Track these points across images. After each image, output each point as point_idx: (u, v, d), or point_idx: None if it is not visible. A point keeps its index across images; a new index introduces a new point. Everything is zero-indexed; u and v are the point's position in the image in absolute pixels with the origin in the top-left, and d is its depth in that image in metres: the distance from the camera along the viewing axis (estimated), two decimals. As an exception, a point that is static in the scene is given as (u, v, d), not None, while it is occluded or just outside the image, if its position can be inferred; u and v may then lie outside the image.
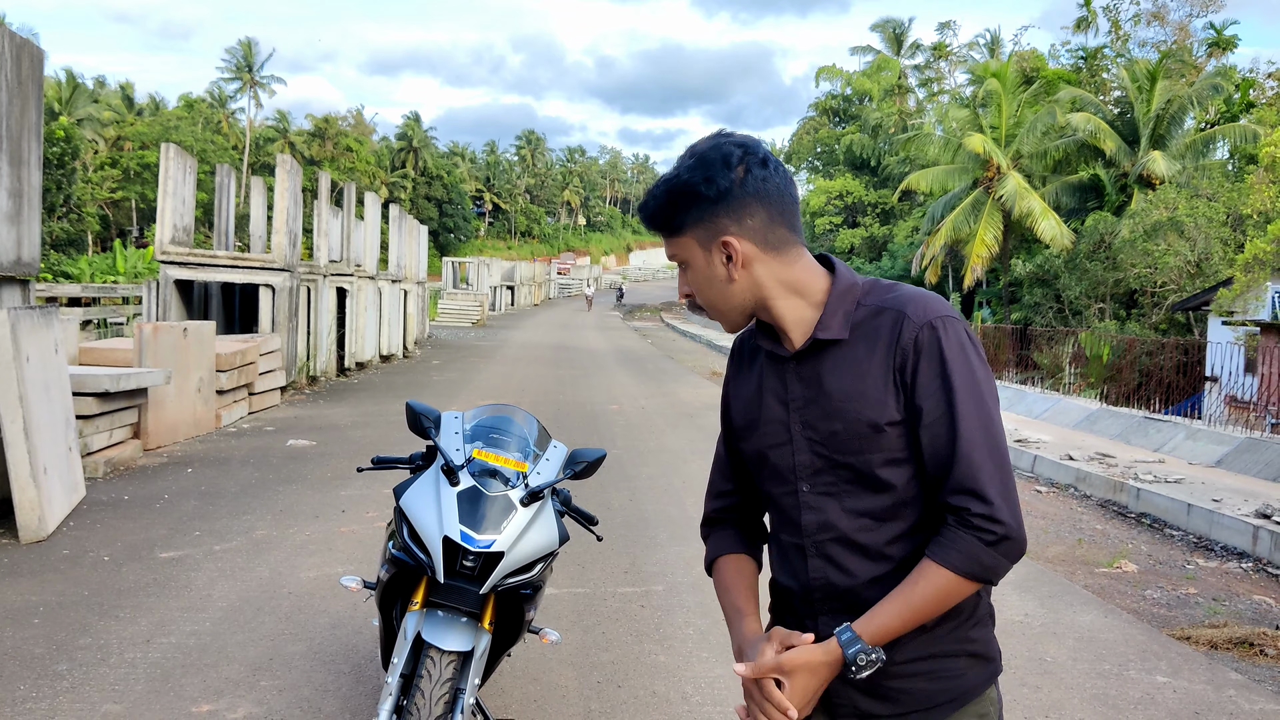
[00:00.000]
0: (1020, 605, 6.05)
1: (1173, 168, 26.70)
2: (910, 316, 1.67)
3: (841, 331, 1.71)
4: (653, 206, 1.76)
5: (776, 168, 1.74)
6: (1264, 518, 7.90)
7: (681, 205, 1.73)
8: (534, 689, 4.44)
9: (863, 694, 1.74)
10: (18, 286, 7.48)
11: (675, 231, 1.76)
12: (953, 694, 1.73)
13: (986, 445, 1.63)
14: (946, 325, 1.66)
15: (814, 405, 1.74)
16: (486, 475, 3.06)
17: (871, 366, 1.69)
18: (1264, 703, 4.69)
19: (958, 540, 1.61)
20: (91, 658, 4.58)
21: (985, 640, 1.77)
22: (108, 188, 56.66)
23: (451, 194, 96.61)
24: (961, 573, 1.61)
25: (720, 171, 1.69)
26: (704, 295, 1.79)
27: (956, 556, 1.61)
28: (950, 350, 1.65)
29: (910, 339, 1.66)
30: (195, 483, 8.53)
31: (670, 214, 1.75)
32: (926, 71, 51.03)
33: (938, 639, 1.72)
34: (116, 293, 27.14)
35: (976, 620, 1.76)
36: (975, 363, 1.66)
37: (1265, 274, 17.49)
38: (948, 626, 1.72)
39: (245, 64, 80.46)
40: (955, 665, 1.73)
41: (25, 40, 7.35)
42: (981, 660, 1.76)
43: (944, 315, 1.67)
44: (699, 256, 1.75)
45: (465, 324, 40.48)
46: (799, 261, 1.76)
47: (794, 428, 1.77)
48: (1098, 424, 13.49)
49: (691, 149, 1.76)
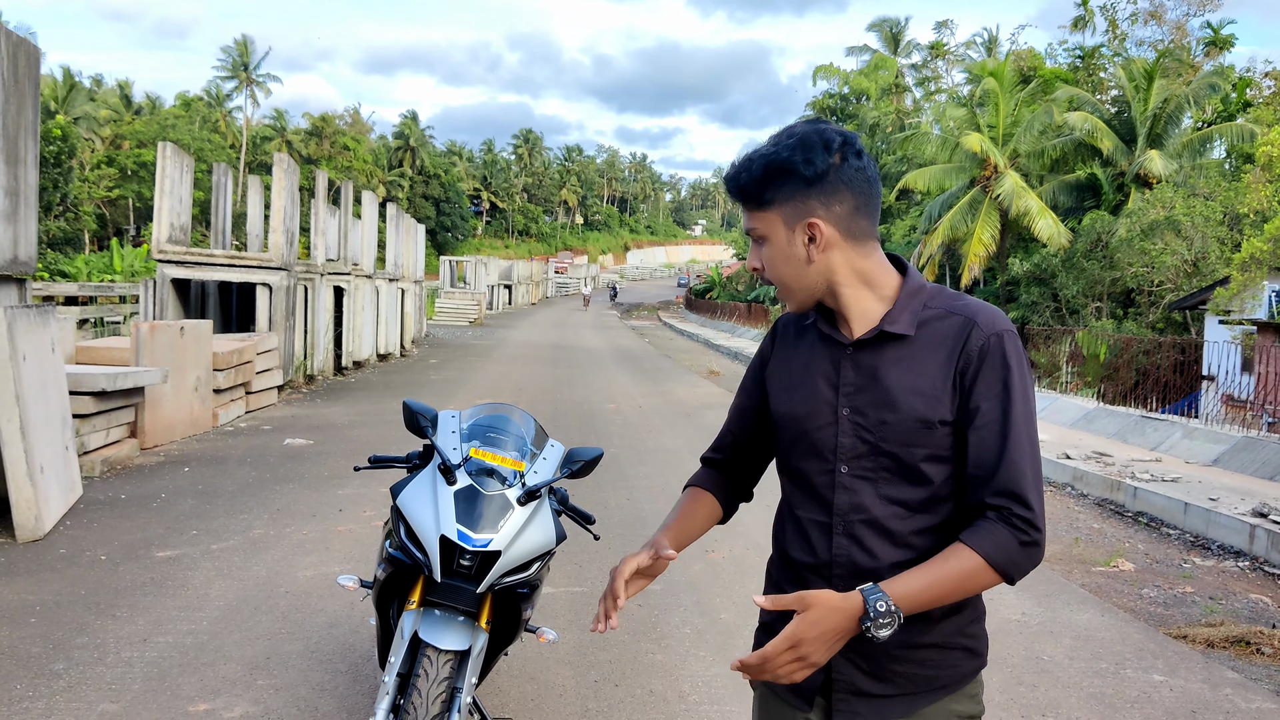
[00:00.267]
0: (1017, 604, 6.06)
1: (1170, 167, 26.70)
2: (980, 325, 1.74)
3: (908, 328, 1.77)
4: (744, 179, 1.79)
5: (870, 161, 1.80)
6: (1261, 516, 7.91)
7: (775, 181, 1.76)
8: (531, 688, 4.44)
9: (864, 674, 1.79)
10: (14, 285, 7.47)
11: (762, 206, 1.80)
12: (945, 681, 1.80)
13: (1031, 455, 1.70)
14: (1011, 339, 1.74)
15: (865, 393, 1.79)
16: (483, 474, 3.06)
17: (933, 366, 1.75)
18: (1260, 701, 4.69)
19: (996, 533, 1.67)
20: (88, 657, 4.57)
21: (979, 636, 1.86)
22: (105, 186, 56.60)
23: (449, 193, 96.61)
24: (992, 562, 1.66)
25: (820, 154, 1.73)
26: (777, 271, 1.83)
27: (992, 546, 1.66)
28: (1012, 361, 1.72)
29: (977, 346, 1.73)
30: (192, 482, 8.52)
31: (761, 188, 1.78)
32: (924, 71, 51.03)
33: (942, 631, 1.78)
34: (113, 291, 27.13)
35: (975, 617, 1.84)
36: (1028, 378, 1.75)
37: (1262, 273, 17.51)
38: (952, 620, 1.79)
39: (241, 62, 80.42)
40: (952, 656, 1.81)
41: (21, 39, 7.34)
42: (974, 654, 1.84)
43: (1009, 330, 1.75)
44: (781, 234, 1.80)
45: (462, 323, 40.47)
46: (873, 255, 1.82)
47: (841, 411, 1.81)
48: (1095, 423, 13.51)
49: (790, 130, 1.79)
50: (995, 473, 1.69)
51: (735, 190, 1.82)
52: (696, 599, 5.80)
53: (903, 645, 1.76)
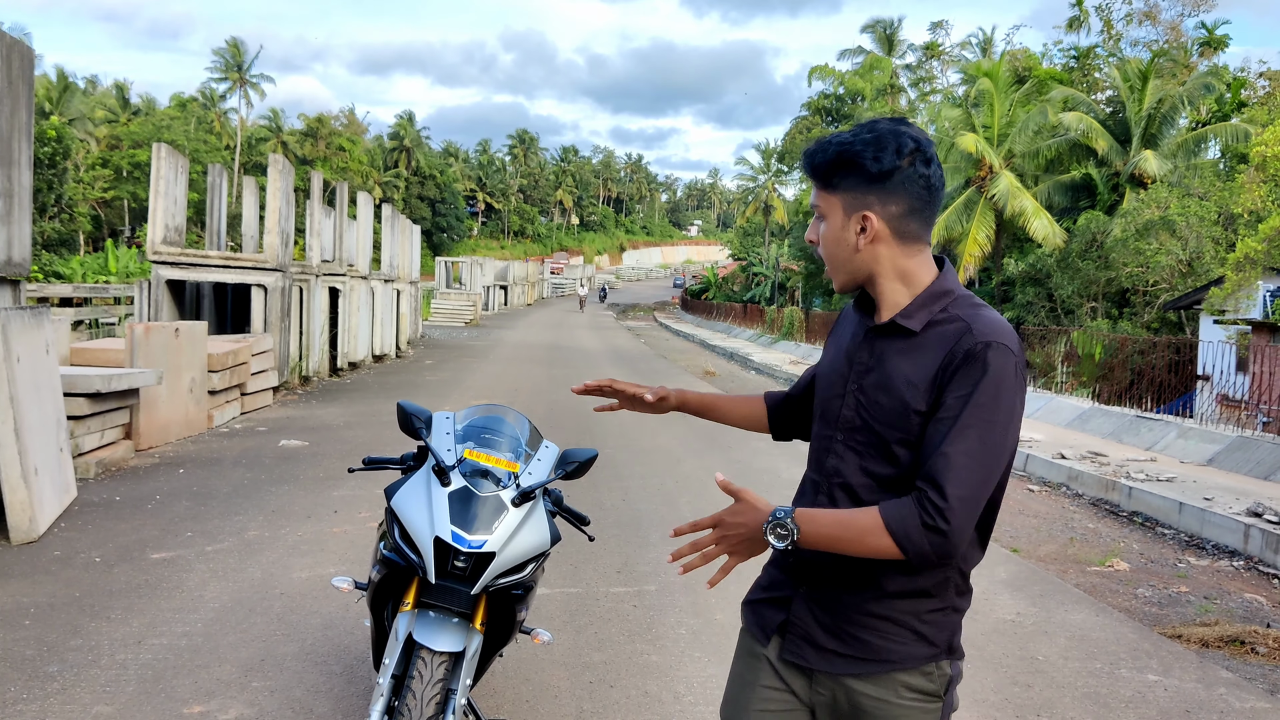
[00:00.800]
0: (1012, 604, 6.07)
1: (1164, 167, 26.74)
2: (973, 332, 1.83)
3: (917, 325, 1.91)
4: (819, 159, 1.95)
5: (936, 170, 1.94)
6: (1255, 516, 7.93)
7: (843, 169, 1.92)
8: (526, 689, 4.44)
9: (820, 626, 1.97)
10: (8, 287, 7.46)
11: (828, 188, 1.96)
12: (895, 657, 1.91)
13: (973, 456, 1.76)
14: (997, 351, 1.81)
15: (871, 374, 1.95)
16: (478, 475, 3.06)
17: (927, 361, 1.86)
18: (1255, 701, 4.70)
19: (905, 506, 1.78)
20: (82, 659, 4.57)
21: (938, 628, 1.93)
22: (99, 187, 56.49)
23: (444, 194, 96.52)
24: (889, 526, 1.77)
25: (889, 155, 1.88)
26: (828, 250, 2.00)
27: (895, 515, 1.78)
28: (989, 371, 1.79)
29: (964, 349, 1.82)
30: (187, 483, 8.51)
31: (831, 172, 1.94)
32: (918, 71, 51.06)
33: (896, 607, 1.91)
34: (108, 293, 27.08)
35: (938, 609, 1.93)
36: (1005, 392, 1.80)
37: (1256, 273, 17.53)
38: (910, 602, 1.91)
39: (234, 63, 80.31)
40: (903, 634, 1.91)
41: (15, 40, 7.32)
42: (927, 641, 1.92)
43: (1001, 343, 1.82)
44: (838, 217, 1.96)
45: (458, 324, 40.45)
46: (917, 256, 1.96)
47: (850, 387, 1.99)
48: (1090, 423, 13.52)
49: (873, 124, 1.94)
50: (930, 459, 1.78)
51: (809, 168, 1.98)
52: (691, 600, 5.80)
53: (858, 610, 1.92)
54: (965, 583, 1.98)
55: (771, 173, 65.74)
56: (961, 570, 1.95)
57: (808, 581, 2.00)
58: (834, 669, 1.95)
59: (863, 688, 1.93)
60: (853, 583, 1.93)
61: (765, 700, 2.04)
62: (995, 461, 1.79)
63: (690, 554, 1.95)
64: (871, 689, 1.92)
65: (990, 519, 1.94)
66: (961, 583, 1.96)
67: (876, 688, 1.92)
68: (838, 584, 1.95)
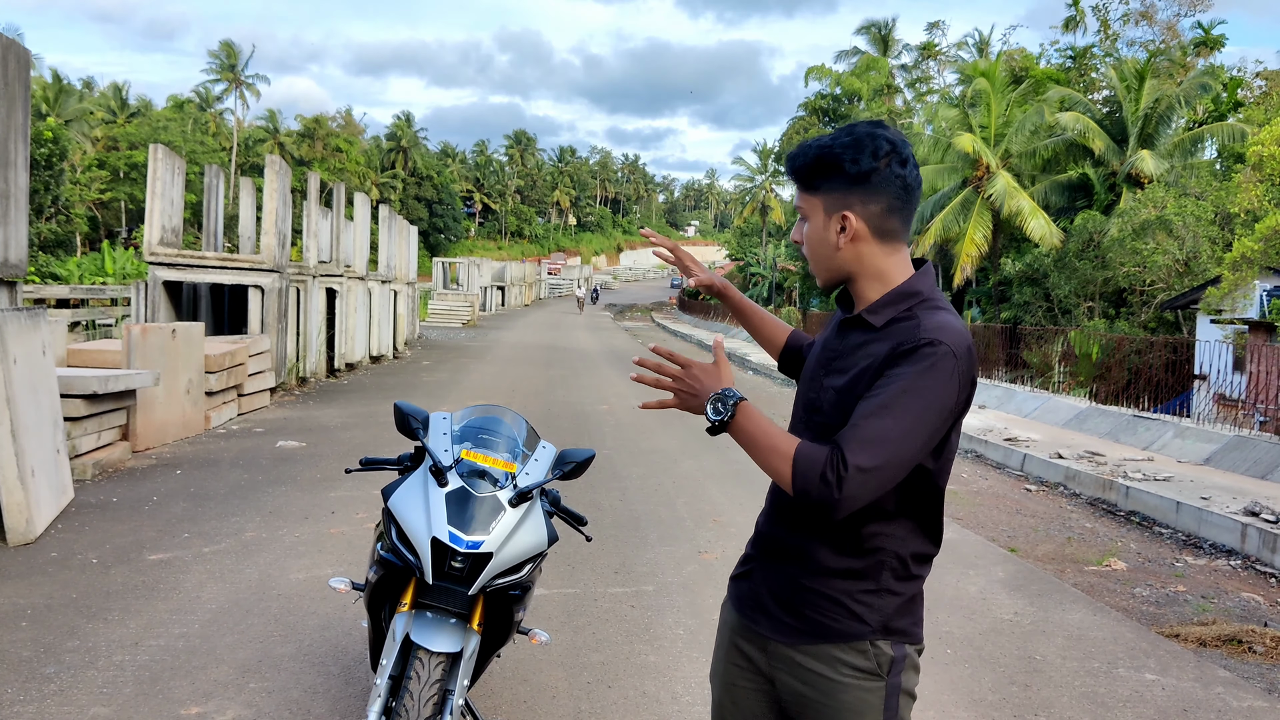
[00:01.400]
0: (1010, 604, 6.07)
1: (1161, 167, 26.76)
2: (920, 328, 1.92)
3: (879, 321, 2.01)
4: (800, 162, 2.05)
5: (913, 170, 2.03)
6: (1252, 515, 7.93)
7: (824, 171, 2.02)
8: (524, 690, 4.44)
9: (773, 598, 2.12)
10: (4, 288, 7.45)
11: (810, 189, 2.06)
12: (830, 634, 2.03)
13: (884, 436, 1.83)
14: (938, 349, 1.88)
15: (835, 362, 2.08)
16: (475, 476, 3.06)
17: (879, 352, 1.96)
18: (1252, 700, 4.71)
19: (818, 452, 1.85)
20: (79, 660, 4.56)
21: (870, 608, 2.03)
22: (96, 189, 56.39)
23: (442, 194, 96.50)
24: (795, 460, 1.86)
25: (867, 157, 1.98)
26: (811, 249, 2.10)
27: (806, 453, 1.86)
28: (924, 364, 1.88)
29: (907, 342, 1.91)
30: (184, 484, 8.50)
31: (812, 174, 2.04)
32: (914, 72, 51.07)
33: (833, 586, 2.03)
34: (105, 294, 27.05)
35: (871, 589, 2.03)
36: (935, 387, 1.87)
37: (1253, 272, 17.55)
38: (845, 581, 2.02)
39: (229, 64, 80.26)
40: (837, 611, 2.02)
41: (11, 41, 7.32)
42: (858, 619, 2.02)
43: (944, 341, 1.89)
44: (820, 218, 2.06)
45: (456, 324, 40.42)
46: (895, 255, 2.06)
47: (818, 372, 2.13)
48: (1087, 422, 13.53)
49: (851, 128, 2.03)
50: (848, 429, 1.86)
51: (791, 171, 2.08)
52: (690, 600, 5.80)
53: (801, 584, 2.06)
54: (905, 569, 2.04)
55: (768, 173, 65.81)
56: (899, 555, 2.03)
57: (765, 554, 2.16)
58: (780, 637, 2.09)
59: (805, 660, 2.06)
60: (798, 559, 2.06)
61: (735, 667, 2.22)
62: (910, 446, 1.86)
63: (651, 372, 2.08)
64: (813, 662, 2.04)
65: (932, 509, 2.07)
66: (899, 568, 2.03)
67: (817, 661, 2.04)
68: (787, 559, 2.09)
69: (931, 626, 5.57)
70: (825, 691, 2.04)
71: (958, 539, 7.69)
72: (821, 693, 2.04)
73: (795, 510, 2.07)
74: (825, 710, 2.04)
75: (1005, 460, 11.64)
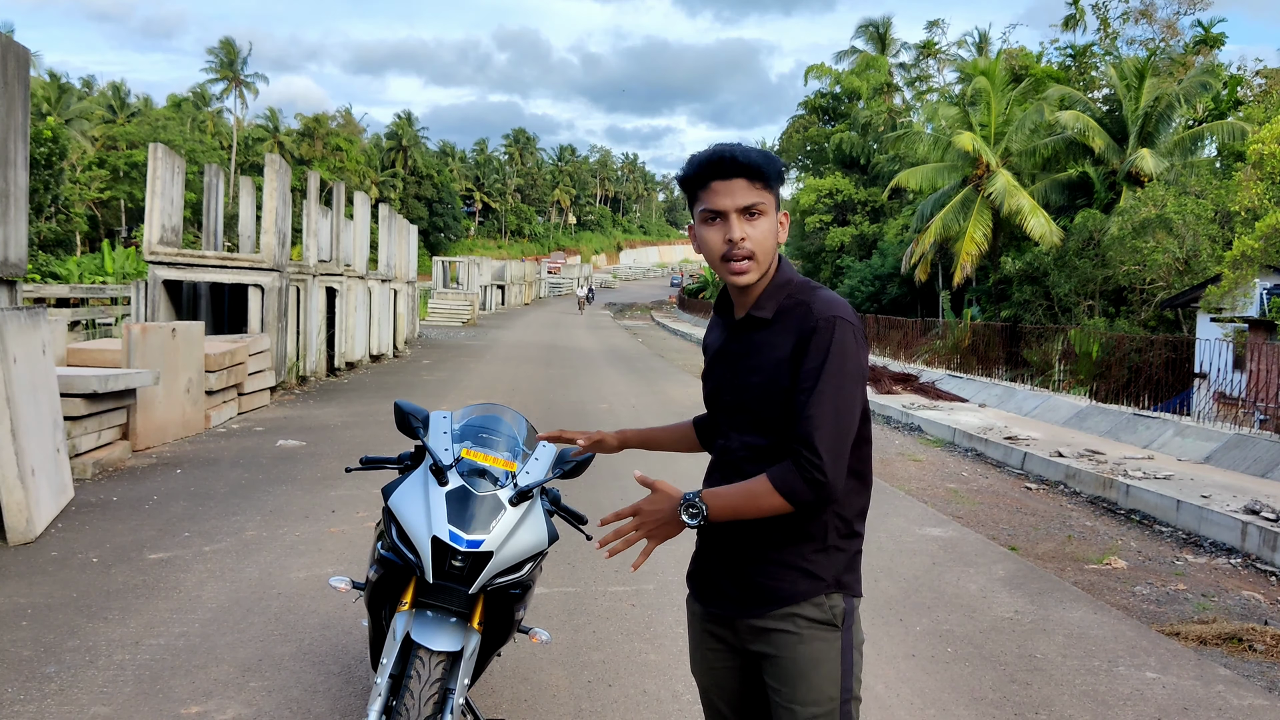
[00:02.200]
0: (1010, 602, 6.07)
1: (1161, 165, 26.74)
2: (814, 311, 2.16)
3: (769, 314, 2.24)
4: (756, 158, 2.20)
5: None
6: (1253, 514, 7.93)
7: (775, 172, 2.22)
8: (524, 689, 4.44)
9: (729, 579, 2.30)
10: (4, 287, 7.44)
11: (765, 184, 2.21)
12: (785, 596, 2.22)
13: (832, 413, 2.08)
14: (837, 323, 2.13)
15: (742, 361, 2.27)
16: (475, 475, 3.05)
17: (784, 342, 2.18)
18: (1252, 698, 4.71)
19: (786, 468, 2.10)
20: (80, 660, 4.56)
21: (822, 565, 2.24)
22: (96, 188, 56.42)
23: (442, 193, 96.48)
24: (777, 487, 2.09)
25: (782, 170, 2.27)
26: (762, 245, 2.22)
27: (778, 475, 2.10)
28: (834, 342, 2.11)
29: (810, 326, 2.14)
30: (184, 484, 8.50)
31: (767, 172, 2.21)
32: (913, 70, 51.02)
33: (785, 553, 2.23)
34: (105, 293, 27.04)
35: (819, 549, 2.23)
36: (849, 357, 2.12)
37: (1253, 271, 17.54)
38: (794, 548, 2.22)
39: (227, 62, 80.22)
40: (790, 575, 2.23)
41: (11, 40, 7.31)
42: (813, 578, 2.23)
43: (839, 316, 2.14)
44: (773, 214, 2.24)
45: (455, 323, 40.42)
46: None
47: (727, 376, 2.32)
48: (1087, 421, 13.53)
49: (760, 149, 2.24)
50: (798, 423, 2.09)
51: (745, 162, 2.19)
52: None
53: (753, 560, 2.25)
54: (848, 526, 2.27)
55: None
56: (841, 515, 2.24)
57: (714, 543, 2.34)
58: (743, 612, 2.28)
59: (768, 624, 2.24)
60: (746, 539, 2.25)
61: (711, 653, 2.41)
62: (850, 416, 2.12)
63: (614, 540, 2.22)
64: (775, 623, 2.23)
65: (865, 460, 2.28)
66: (842, 525, 2.25)
67: (779, 622, 2.23)
68: (735, 541, 2.27)
69: (932, 624, 5.57)
70: (788, 646, 2.22)
71: (958, 537, 7.69)
72: (785, 648, 2.22)
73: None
74: (790, 665, 2.21)
75: (1005, 459, 11.64)
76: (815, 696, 2.19)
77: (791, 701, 2.19)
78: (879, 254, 40.04)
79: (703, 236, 2.26)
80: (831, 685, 2.21)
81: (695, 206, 2.27)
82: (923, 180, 31.00)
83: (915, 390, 18.20)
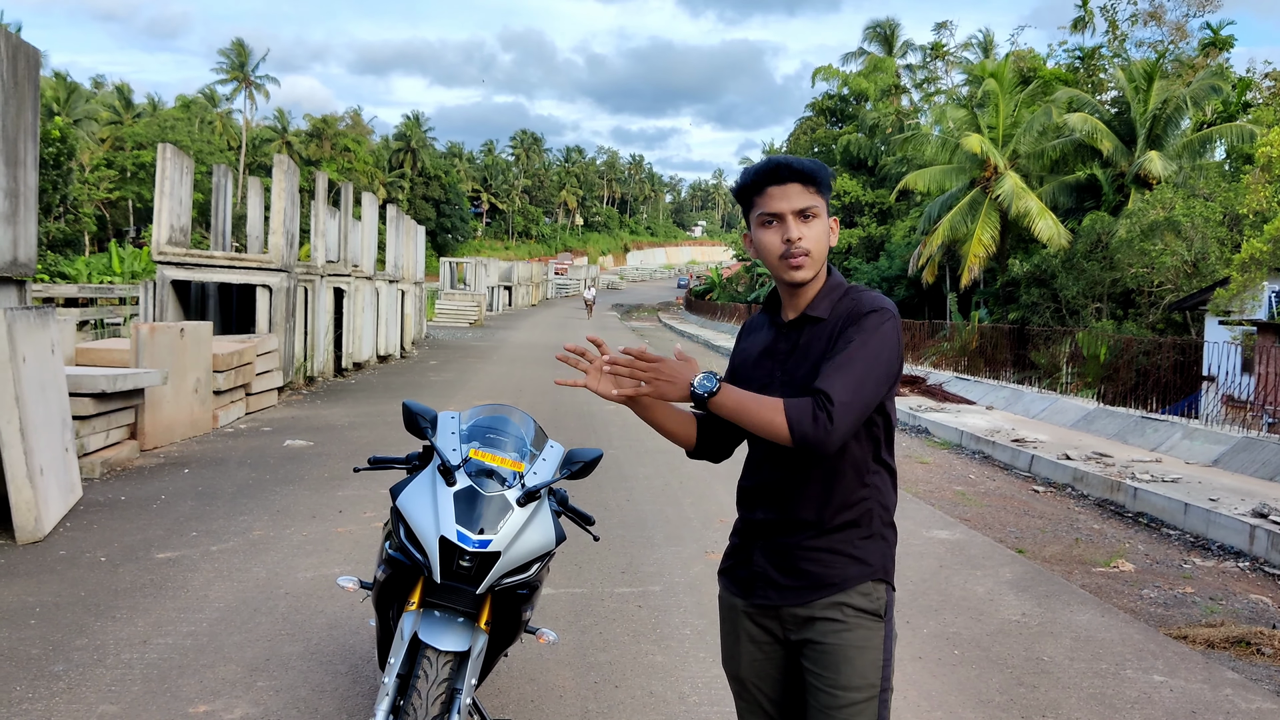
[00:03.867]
0: (1017, 605, 6.06)
1: (1169, 168, 26.68)
2: (860, 304, 2.29)
3: (825, 313, 2.34)
4: (809, 165, 2.32)
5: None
6: (1261, 517, 7.91)
7: (825, 179, 2.35)
8: (531, 689, 4.44)
9: (775, 569, 2.36)
10: (14, 287, 7.47)
11: (817, 189, 2.33)
12: (834, 580, 2.30)
13: (855, 379, 2.17)
14: (881, 314, 2.25)
15: (791, 358, 2.36)
16: (483, 475, 3.05)
17: (831, 329, 2.30)
18: (1260, 701, 4.69)
19: (803, 400, 2.17)
20: (88, 659, 4.57)
21: (870, 552, 2.34)
22: (104, 188, 56.60)
23: (449, 194, 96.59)
24: (787, 412, 2.15)
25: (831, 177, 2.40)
26: (817, 244, 2.33)
27: (794, 402, 2.17)
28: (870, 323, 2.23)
29: (855, 313, 2.27)
30: (192, 483, 8.52)
31: (819, 178, 2.33)
32: (919, 72, 50.96)
33: (835, 541, 2.31)
34: (113, 293, 27.10)
35: (867, 536, 2.34)
36: (884, 341, 2.23)
37: (1262, 274, 17.50)
38: (843, 534, 2.32)
39: (238, 63, 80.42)
40: (839, 561, 2.31)
41: (21, 41, 7.34)
42: (862, 564, 2.32)
43: (880, 308, 2.26)
44: (824, 217, 2.36)
45: (462, 324, 40.47)
46: None
47: (776, 373, 2.38)
48: (1095, 423, 13.50)
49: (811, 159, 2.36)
50: (824, 377, 2.18)
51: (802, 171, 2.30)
52: (696, 600, 5.80)
53: (801, 548, 2.32)
54: (888, 514, 2.38)
55: (776, 173, 65.51)
56: (883, 504, 2.36)
57: (761, 537, 2.40)
58: (792, 601, 2.33)
59: (816, 612, 2.30)
60: (794, 529, 2.33)
61: (752, 645, 2.44)
62: (873, 391, 2.20)
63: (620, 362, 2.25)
64: (823, 612, 2.29)
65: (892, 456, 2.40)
66: (884, 514, 2.36)
67: (827, 610, 2.29)
68: (783, 533, 2.35)
69: (939, 627, 5.57)
70: (834, 633, 2.28)
71: (965, 540, 7.67)
72: (831, 635, 2.28)
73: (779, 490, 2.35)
74: (835, 651, 2.27)
75: (1013, 461, 11.62)
76: (859, 682, 2.25)
77: (834, 687, 2.25)
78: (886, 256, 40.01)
79: (760, 240, 2.36)
80: (874, 672, 2.27)
81: (751, 213, 2.38)
82: (930, 182, 30.97)
83: (923, 392, 18.18)
